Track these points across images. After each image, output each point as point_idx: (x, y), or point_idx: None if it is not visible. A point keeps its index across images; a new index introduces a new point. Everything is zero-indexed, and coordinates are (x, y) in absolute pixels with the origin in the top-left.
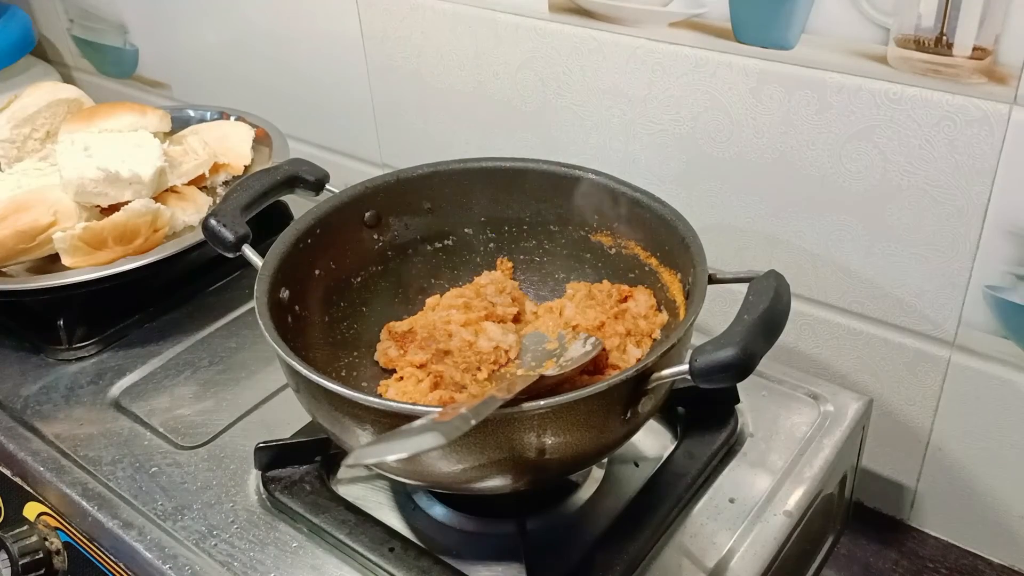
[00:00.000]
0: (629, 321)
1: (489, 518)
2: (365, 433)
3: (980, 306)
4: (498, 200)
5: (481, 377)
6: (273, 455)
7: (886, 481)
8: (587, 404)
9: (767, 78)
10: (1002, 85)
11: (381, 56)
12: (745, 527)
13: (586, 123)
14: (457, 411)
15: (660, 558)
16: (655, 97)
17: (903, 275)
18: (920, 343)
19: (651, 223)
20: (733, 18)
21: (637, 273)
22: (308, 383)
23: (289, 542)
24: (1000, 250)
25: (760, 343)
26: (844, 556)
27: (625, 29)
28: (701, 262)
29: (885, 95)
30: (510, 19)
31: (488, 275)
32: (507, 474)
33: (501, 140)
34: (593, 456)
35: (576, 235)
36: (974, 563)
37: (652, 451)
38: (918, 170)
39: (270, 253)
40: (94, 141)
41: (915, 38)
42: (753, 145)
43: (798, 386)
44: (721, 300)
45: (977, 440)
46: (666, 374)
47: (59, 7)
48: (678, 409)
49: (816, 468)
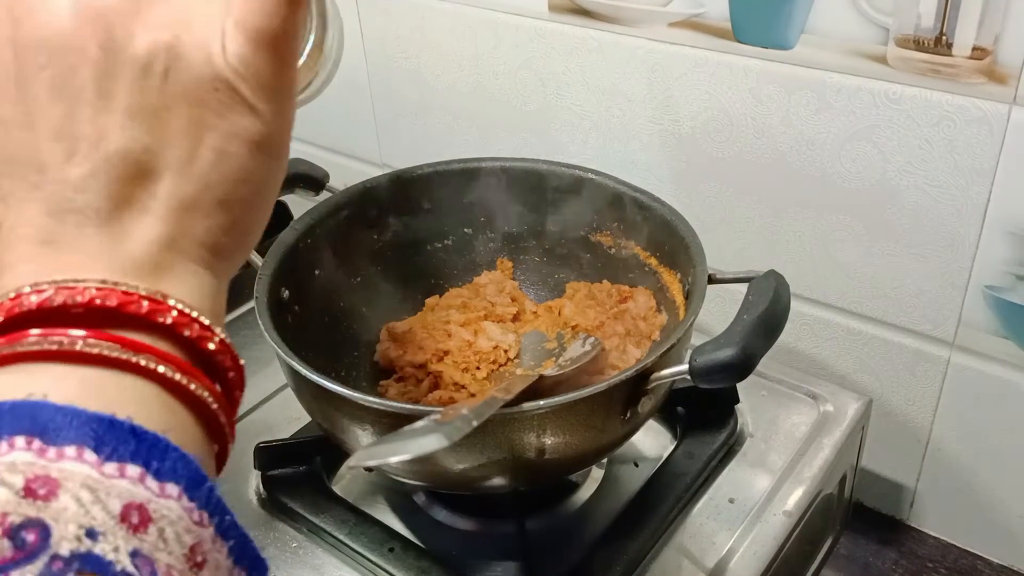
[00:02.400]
0: (629, 322)
1: (489, 518)
2: (365, 433)
3: (980, 306)
4: (498, 200)
5: (480, 377)
6: (273, 455)
7: (885, 481)
8: (587, 404)
9: (767, 78)
10: (1002, 85)
11: (381, 56)
12: (745, 527)
13: (586, 123)
14: (458, 412)
15: (660, 558)
16: (655, 97)
17: (903, 275)
18: (920, 343)
19: (651, 223)
20: (733, 18)
21: (637, 273)
22: (308, 383)
23: (289, 542)
24: (1000, 250)
25: (760, 343)
26: (844, 556)
27: (625, 29)
28: (701, 262)
29: (885, 95)
30: (510, 19)
31: (488, 275)
32: (507, 474)
33: (501, 140)
34: (593, 456)
35: (576, 235)
36: (973, 563)
37: (652, 451)
38: (918, 170)
39: (270, 253)
40: None
41: (915, 38)
42: (753, 145)
43: (798, 386)
44: (721, 300)
45: (977, 440)
46: (666, 374)
47: None
48: (678, 409)
49: (816, 468)
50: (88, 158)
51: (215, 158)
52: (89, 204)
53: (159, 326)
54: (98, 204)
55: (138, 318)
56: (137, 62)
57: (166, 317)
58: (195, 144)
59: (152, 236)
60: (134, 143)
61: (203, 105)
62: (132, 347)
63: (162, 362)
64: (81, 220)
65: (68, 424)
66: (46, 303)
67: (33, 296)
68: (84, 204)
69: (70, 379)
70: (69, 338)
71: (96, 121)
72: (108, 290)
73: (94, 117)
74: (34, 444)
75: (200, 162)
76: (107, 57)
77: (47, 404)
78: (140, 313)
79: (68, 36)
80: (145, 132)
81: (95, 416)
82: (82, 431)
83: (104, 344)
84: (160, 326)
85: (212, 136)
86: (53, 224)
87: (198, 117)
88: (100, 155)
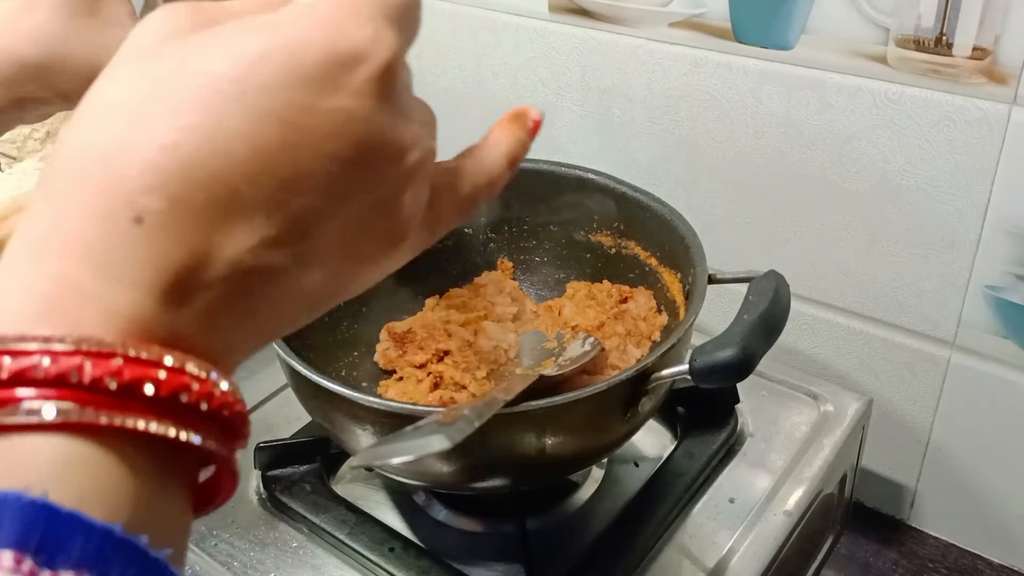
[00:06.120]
0: (629, 322)
1: (489, 518)
2: (365, 433)
3: (980, 306)
4: (498, 200)
5: (480, 377)
6: (273, 455)
7: (886, 481)
8: (587, 404)
9: (767, 78)
10: (1002, 85)
11: None
12: (745, 527)
13: (586, 123)
14: (460, 412)
15: (660, 558)
16: (655, 97)
17: (903, 275)
18: (920, 343)
19: (651, 223)
20: (733, 18)
21: (637, 273)
22: (308, 383)
23: (289, 542)
24: (1000, 250)
25: (760, 343)
26: (844, 556)
27: (625, 29)
28: (701, 262)
29: (885, 95)
30: (510, 19)
31: (488, 275)
32: (507, 474)
33: None
34: (593, 456)
35: (576, 235)
36: (973, 563)
37: (652, 451)
38: (918, 170)
39: None
40: None
41: (915, 38)
42: (753, 145)
43: (798, 386)
44: (721, 300)
45: (977, 440)
46: (666, 374)
47: None
48: (678, 409)
49: (816, 468)
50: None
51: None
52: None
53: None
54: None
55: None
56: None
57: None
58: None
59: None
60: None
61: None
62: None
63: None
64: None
65: (71, 539)
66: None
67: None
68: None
69: (72, 468)
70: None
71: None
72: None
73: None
74: (24, 565)
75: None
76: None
77: (48, 507)
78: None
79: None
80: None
81: (102, 532)
82: (87, 553)
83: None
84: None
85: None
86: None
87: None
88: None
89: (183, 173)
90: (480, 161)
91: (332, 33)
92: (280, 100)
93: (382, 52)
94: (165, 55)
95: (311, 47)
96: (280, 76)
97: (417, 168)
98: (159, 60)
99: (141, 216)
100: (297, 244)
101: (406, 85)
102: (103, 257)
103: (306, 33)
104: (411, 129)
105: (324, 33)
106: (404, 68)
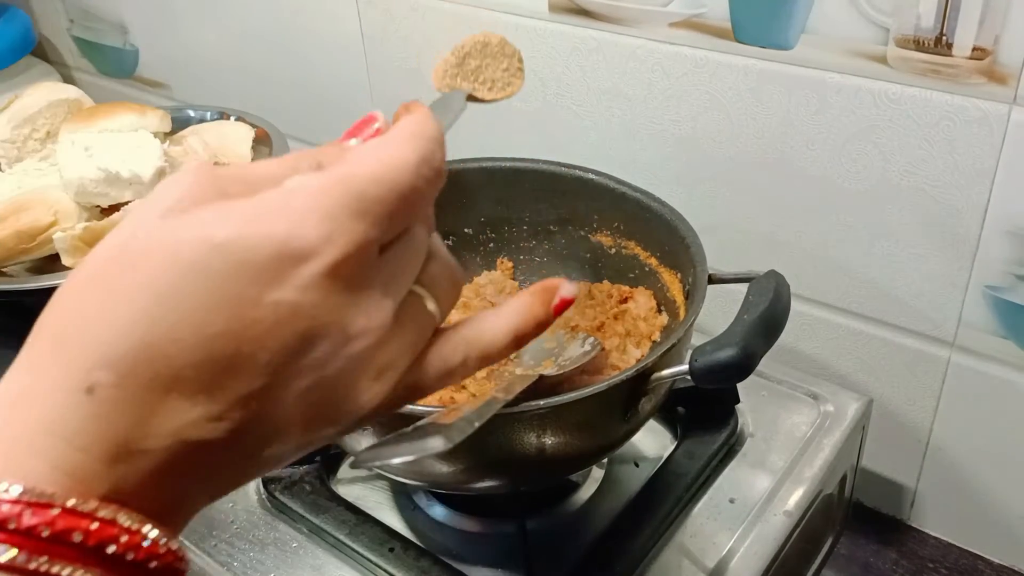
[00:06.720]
0: (629, 322)
1: (489, 518)
2: (365, 433)
3: (980, 306)
4: (498, 200)
5: (480, 376)
6: None
7: (886, 481)
8: (587, 404)
9: (767, 78)
10: (1002, 85)
11: (381, 56)
12: (745, 527)
13: (586, 123)
14: (460, 413)
15: (660, 558)
16: (655, 97)
17: (903, 275)
18: (920, 343)
19: (651, 223)
20: (733, 18)
21: (637, 273)
22: None
23: (289, 542)
24: (1000, 250)
25: (760, 343)
26: (844, 556)
27: (625, 29)
28: (701, 262)
29: (885, 95)
30: (510, 19)
31: (488, 275)
32: (507, 474)
33: (501, 140)
34: (593, 456)
35: (576, 235)
36: (974, 563)
37: (652, 451)
38: (918, 170)
39: None
40: (94, 141)
41: (915, 38)
42: (753, 145)
43: (798, 386)
44: (721, 300)
45: (977, 440)
46: (666, 374)
47: (59, 7)
48: (678, 409)
49: (816, 468)
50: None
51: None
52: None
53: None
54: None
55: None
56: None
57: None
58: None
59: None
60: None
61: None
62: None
63: None
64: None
65: None
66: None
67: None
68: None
69: None
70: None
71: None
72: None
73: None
74: None
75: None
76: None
77: None
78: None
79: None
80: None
81: None
82: None
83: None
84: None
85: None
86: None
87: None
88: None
89: (133, 353)
90: (480, 332)
91: (290, 227)
92: (228, 291)
93: (333, 250)
94: (152, 231)
95: (266, 242)
96: (232, 268)
97: (368, 352)
98: (146, 236)
99: (92, 387)
100: (240, 420)
101: (377, 270)
102: (56, 422)
103: (267, 228)
104: (365, 316)
105: (283, 227)
106: (371, 257)
